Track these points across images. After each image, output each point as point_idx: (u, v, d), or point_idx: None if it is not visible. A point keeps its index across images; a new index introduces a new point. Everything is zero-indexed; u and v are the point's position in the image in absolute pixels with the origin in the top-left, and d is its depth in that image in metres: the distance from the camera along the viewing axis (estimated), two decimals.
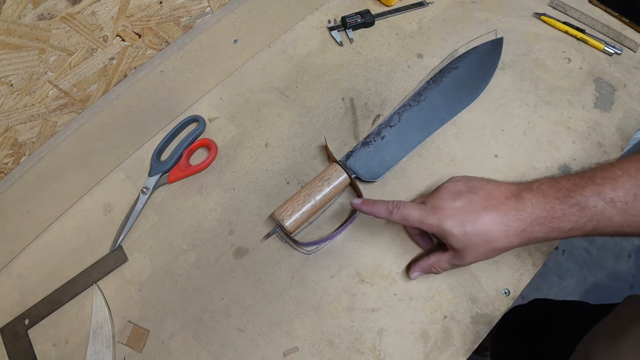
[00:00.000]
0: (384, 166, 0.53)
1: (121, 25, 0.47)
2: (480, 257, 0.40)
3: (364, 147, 0.53)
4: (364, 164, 0.52)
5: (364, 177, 0.52)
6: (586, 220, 0.35)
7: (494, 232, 0.38)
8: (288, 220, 0.48)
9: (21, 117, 0.45)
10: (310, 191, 0.49)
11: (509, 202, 0.38)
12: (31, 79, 0.43)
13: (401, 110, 0.55)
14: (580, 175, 0.37)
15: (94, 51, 0.47)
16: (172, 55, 0.53)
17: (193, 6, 0.53)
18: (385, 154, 0.53)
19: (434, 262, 0.44)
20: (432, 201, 0.42)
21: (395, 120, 0.55)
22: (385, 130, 0.54)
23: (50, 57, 0.43)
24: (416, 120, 0.55)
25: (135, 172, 0.58)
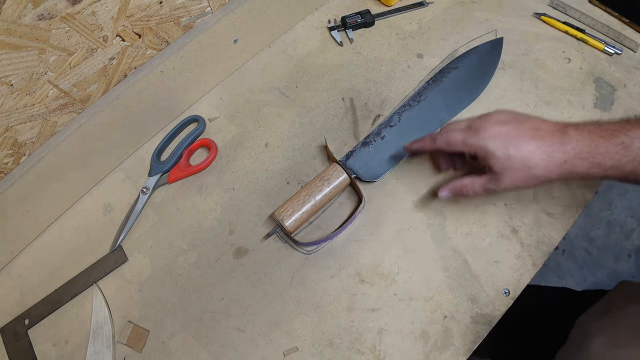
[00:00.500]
0: (384, 166, 0.53)
1: (121, 25, 0.47)
2: (517, 182, 0.40)
3: (364, 147, 0.53)
4: (364, 164, 0.52)
5: (364, 177, 0.52)
6: (628, 160, 0.36)
7: (536, 159, 0.39)
8: (288, 220, 0.48)
9: (21, 117, 0.45)
10: (310, 191, 0.49)
11: (555, 134, 0.39)
12: (31, 79, 0.43)
13: (401, 110, 0.55)
14: (627, 120, 0.38)
15: (94, 51, 0.47)
16: (172, 55, 0.53)
17: (193, 6, 0.53)
18: (385, 154, 0.53)
19: (468, 183, 0.44)
20: (478, 124, 0.42)
21: (395, 120, 0.55)
22: (385, 130, 0.54)
23: (50, 57, 0.43)
24: (416, 120, 0.55)
25: (135, 172, 0.58)
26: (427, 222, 0.51)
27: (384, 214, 0.52)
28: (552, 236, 0.49)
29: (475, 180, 0.44)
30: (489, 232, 0.49)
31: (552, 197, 0.51)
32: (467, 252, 0.49)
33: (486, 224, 0.50)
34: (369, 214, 0.52)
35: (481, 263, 0.48)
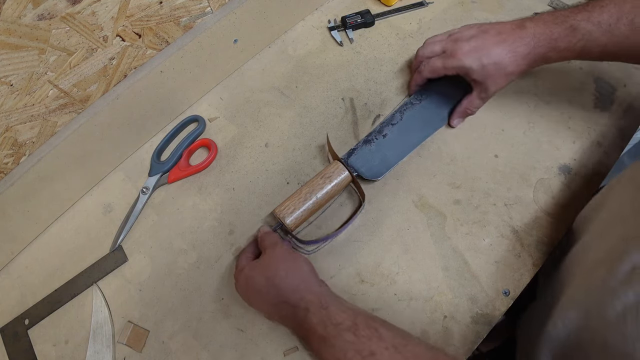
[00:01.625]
0: (386, 164, 0.53)
1: (121, 25, 0.47)
2: (499, 83, 0.48)
3: (366, 145, 0.53)
4: (365, 162, 0.52)
5: (366, 175, 0.52)
6: (577, 40, 0.42)
7: (505, 60, 0.46)
8: (289, 217, 0.48)
9: (21, 117, 0.45)
10: (311, 189, 0.49)
11: (515, 31, 0.46)
12: (31, 79, 0.43)
13: (403, 109, 0.56)
14: (576, 6, 0.44)
15: (94, 51, 0.47)
16: (172, 55, 0.53)
17: (193, 6, 0.53)
18: (386, 152, 0.53)
19: (466, 104, 0.53)
20: (451, 47, 0.50)
21: (397, 118, 0.55)
22: (387, 128, 0.54)
23: (50, 57, 0.43)
24: (418, 119, 0.55)
25: (135, 172, 0.58)
26: (427, 222, 0.51)
27: (384, 214, 0.52)
28: (552, 236, 0.49)
29: (470, 99, 0.52)
30: (489, 232, 0.49)
31: (552, 197, 0.51)
32: (467, 252, 0.49)
33: (486, 224, 0.50)
34: (369, 214, 0.52)
35: (481, 263, 0.48)
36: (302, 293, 0.40)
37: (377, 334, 0.35)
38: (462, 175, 0.53)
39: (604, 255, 0.35)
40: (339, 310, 0.38)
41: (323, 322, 0.37)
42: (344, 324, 0.36)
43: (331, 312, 0.38)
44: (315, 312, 0.38)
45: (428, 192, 0.52)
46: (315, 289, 0.41)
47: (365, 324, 0.36)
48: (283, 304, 0.40)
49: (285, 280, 0.41)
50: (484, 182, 0.52)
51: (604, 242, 0.37)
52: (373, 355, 0.33)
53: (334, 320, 0.37)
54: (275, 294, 0.41)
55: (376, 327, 0.36)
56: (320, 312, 0.38)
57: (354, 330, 0.35)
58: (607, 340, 0.31)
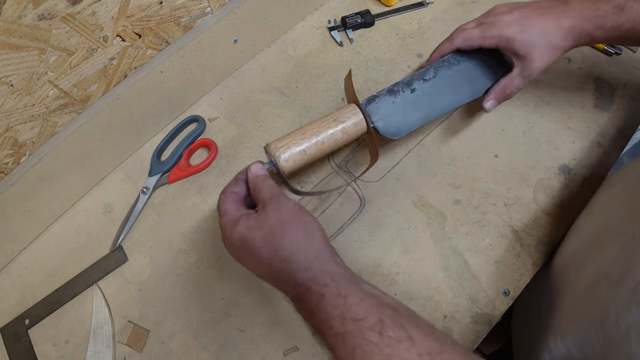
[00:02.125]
0: (406, 124, 0.46)
1: (121, 26, 0.47)
2: (545, 57, 0.43)
3: (389, 96, 0.46)
4: (384, 115, 0.45)
5: (382, 130, 0.45)
6: (624, 20, 0.40)
7: (551, 32, 0.42)
8: (284, 154, 0.39)
9: (21, 117, 0.45)
10: (316, 129, 0.41)
11: (557, 6, 0.43)
12: (31, 79, 0.43)
13: (439, 65, 0.49)
14: None
15: (94, 51, 0.47)
16: (172, 55, 0.53)
17: (193, 6, 0.53)
18: (411, 110, 0.46)
19: (505, 83, 0.47)
20: (488, 19, 0.46)
21: (431, 74, 0.48)
22: (417, 82, 0.47)
23: (51, 57, 0.43)
24: (453, 82, 0.48)
25: (135, 172, 0.58)
26: (427, 222, 0.51)
27: (384, 214, 0.52)
28: (552, 236, 0.49)
29: (510, 77, 0.46)
30: (489, 232, 0.49)
31: (552, 197, 0.51)
32: (467, 252, 0.49)
33: (486, 224, 0.50)
34: (369, 214, 0.52)
35: (481, 263, 0.48)
36: (315, 272, 0.32)
37: (407, 335, 0.28)
38: (462, 175, 0.53)
39: (605, 270, 0.35)
40: (361, 300, 0.31)
41: (341, 315, 0.30)
42: (367, 320, 0.29)
43: (351, 302, 0.30)
44: (332, 300, 0.31)
45: (428, 192, 0.52)
46: (331, 267, 0.33)
47: (393, 321, 0.29)
48: (289, 280, 0.33)
49: (295, 254, 0.33)
50: (484, 182, 0.52)
51: (603, 255, 0.36)
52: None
53: (354, 314, 0.30)
54: (279, 267, 0.33)
55: (405, 325, 0.29)
56: (338, 301, 0.30)
57: (380, 329, 0.29)
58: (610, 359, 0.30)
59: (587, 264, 0.38)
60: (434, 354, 0.28)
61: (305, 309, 0.32)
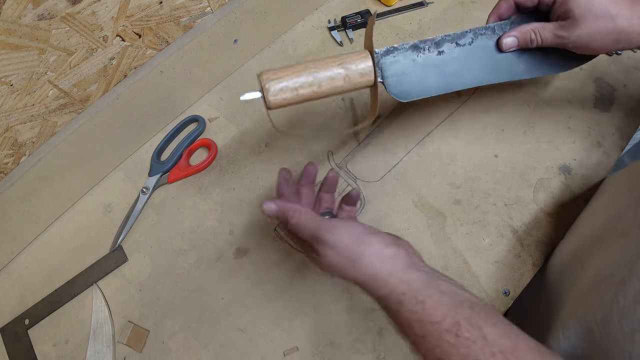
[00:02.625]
0: (421, 88, 0.41)
1: (121, 25, 0.47)
2: (595, 33, 0.37)
3: (412, 52, 0.41)
4: (399, 72, 0.40)
5: (390, 87, 0.40)
6: None
7: (620, 6, 0.36)
8: (273, 87, 0.36)
9: (21, 117, 0.45)
10: (317, 69, 0.37)
11: None
12: (31, 79, 0.43)
13: (481, 32, 0.42)
14: None
15: (94, 51, 0.47)
16: (172, 55, 0.53)
17: (193, 6, 0.53)
18: (431, 74, 0.41)
19: (535, 27, 0.40)
20: None
21: (467, 40, 0.42)
22: (447, 45, 0.41)
23: (51, 57, 0.43)
24: (491, 55, 0.42)
25: (135, 172, 0.58)
26: (427, 222, 0.51)
27: (384, 214, 0.52)
28: (552, 236, 0.49)
29: (545, 25, 0.39)
30: (489, 232, 0.49)
31: (552, 197, 0.51)
32: (467, 252, 0.49)
33: (486, 224, 0.50)
34: (369, 214, 0.52)
35: (481, 263, 0.48)
36: (392, 286, 0.34)
37: (482, 334, 0.30)
38: (462, 175, 0.53)
39: (608, 270, 0.35)
40: (438, 304, 0.32)
41: (420, 320, 0.32)
42: (444, 322, 0.31)
43: (428, 307, 0.32)
44: (410, 307, 0.33)
45: (428, 192, 0.52)
46: (405, 276, 0.34)
47: (469, 322, 0.31)
48: (372, 293, 0.35)
49: (372, 276, 0.35)
50: (484, 182, 0.52)
51: (606, 255, 0.36)
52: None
53: (432, 318, 0.32)
54: (361, 284, 0.36)
55: (480, 325, 0.31)
56: (416, 307, 0.32)
57: (456, 331, 0.30)
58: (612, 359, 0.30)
59: (588, 263, 0.38)
60: (507, 353, 0.29)
61: (389, 312, 0.35)
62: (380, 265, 0.35)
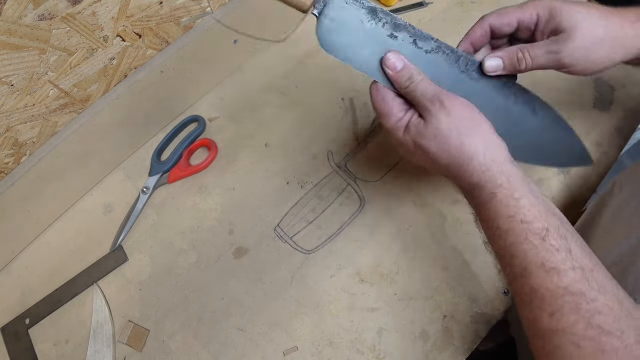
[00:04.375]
0: (349, 55, 0.36)
1: (122, 26, 0.47)
2: (591, 44, 0.34)
3: (367, 14, 0.36)
4: (340, 22, 0.36)
5: (321, 30, 0.36)
6: None
7: (609, 18, 0.34)
8: None
9: (22, 117, 0.46)
10: None
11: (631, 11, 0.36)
12: (32, 79, 0.43)
13: (445, 49, 0.37)
14: None
15: (95, 51, 0.47)
16: (172, 56, 0.53)
17: (193, 6, 0.53)
18: (368, 48, 0.35)
19: (524, 45, 0.36)
20: None
21: (428, 47, 0.36)
22: (405, 35, 0.36)
23: (51, 58, 0.43)
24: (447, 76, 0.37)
25: (135, 172, 0.58)
26: (427, 222, 0.51)
27: (384, 213, 0.52)
28: None
29: (534, 44, 0.36)
30: None
31: (551, 197, 0.51)
32: (467, 252, 0.49)
33: None
34: (369, 214, 0.52)
35: (481, 263, 0.48)
36: (493, 174, 0.33)
37: (567, 247, 0.30)
38: None
39: (611, 260, 0.35)
40: (532, 205, 0.31)
41: (511, 215, 0.31)
42: (534, 224, 0.30)
43: (522, 205, 0.31)
44: (504, 200, 0.32)
45: (428, 192, 0.52)
46: (506, 168, 0.33)
47: (557, 232, 0.30)
48: (465, 177, 0.34)
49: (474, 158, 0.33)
50: None
51: (611, 244, 0.36)
52: (556, 272, 0.29)
53: (523, 217, 0.31)
54: (456, 168, 0.34)
55: (567, 237, 0.30)
56: (509, 202, 0.32)
57: (544, 235, 0.30)
58: None
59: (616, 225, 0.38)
60: (587, 271, 0.29)
61: (476, 202, 0.34)
62: (485, 150, 0.33)
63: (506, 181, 0.32)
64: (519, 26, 0.37)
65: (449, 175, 0.36)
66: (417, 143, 0.34)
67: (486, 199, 0.33)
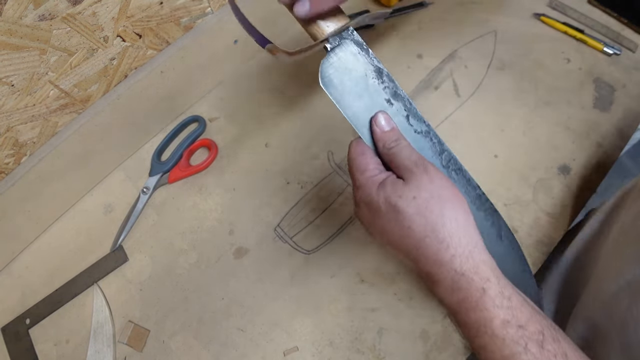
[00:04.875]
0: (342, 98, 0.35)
1: (122, 26, 0.47)
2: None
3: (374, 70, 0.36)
4: (345, 64, 0.36)
5: (326, 64, 0.36)
6: None
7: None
8: None
9: (22, 117, 0.46)
10: None
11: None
12: (32, 79, 0.43)
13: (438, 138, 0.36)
14: None
15: (95, 51, 0.47)
16: (172, 56, 0.53)
17: (193, 7, 0.53)
18: (363, 101, 0.35)
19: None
20: None
21: (419, 127, 0.36)
22: (399, 106, 0.35)
23: (51, 58, 0.43)
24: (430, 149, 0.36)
25: (135, 172, 0.58)
26: None
27: None
28: (552, 236, 0.49)
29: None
30: None
31: (551, 197, 0.51)
32: None
33: None
34: None
35: None
36: (476, 262, 0.28)
37: (563, 350, 0.27)
38: None
39: (623, 280, 0.34)
40: (521, 305, 0.28)
41: (507, 320, 0.27)
42: (529, 328, 0.27)
43: (514, 305, 0.27)
44: (495, 299, 0.27)
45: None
46: (487, 258, 0.29)
47: (551, 334, 0.27)
48: (444, 265, 0.28)
49: (455, 238, 0.28)
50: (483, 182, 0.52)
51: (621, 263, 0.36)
52: None
53: (518, 320, 0.27)
54: (433, 248, 0.28)
55: (560, 339, 0.27)
56: (502, 301, 0.27)
57: (542, 341, 0.26)
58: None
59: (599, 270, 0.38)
60: None
61: (457, 297, 0.28)
62: (466, 229, 0.29)
63: (492, 274, 0.28)
64: None
65: (418, 253, 0.29)
66: (391, 202, 0.29)
67: (474, 295, 0.27)
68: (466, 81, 0.59)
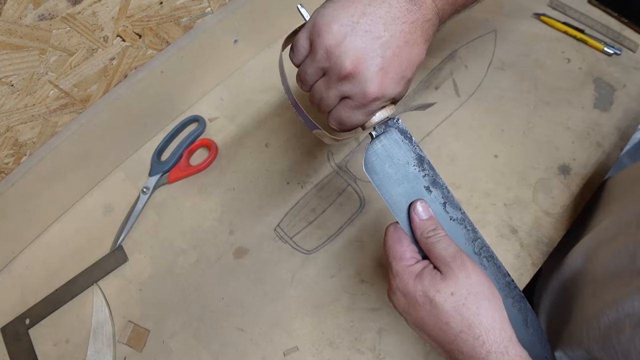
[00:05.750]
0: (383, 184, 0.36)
1: (121, 26, 0.47)
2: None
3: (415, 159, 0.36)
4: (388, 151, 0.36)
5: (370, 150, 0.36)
6: None
7: None
8: None
9: (22, 117, 0.46)
10: None
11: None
12: (32, 79, 0.43)
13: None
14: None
15: (95, 51, 0.47)
16: (172, 56, 0.53)
17: (193, 6, 0.53)
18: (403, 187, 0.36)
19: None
20: None
21: (456, 214, 0.36)
22: (437, 193, 0.36)
23: (51, 58, 0.43)
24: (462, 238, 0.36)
25: (135, 172, 0.58)
26: None
27: (384, 214, 0.52)
28: (552, 236, 0.49)
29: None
30: (489, 232, 0.49)
31: (551, 197, 0.51)
32: None
33: (486, 224, 0.50)
34: (369, 214, 0.52)
35: None
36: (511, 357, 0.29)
37: None
38: (462, 175, 0.53)
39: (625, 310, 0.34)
40: None
41: None
42: None
43: None
44: None
45: None
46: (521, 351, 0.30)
47: None
48: (476, 352, 0.29)
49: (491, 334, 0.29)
50: (483, 182, 0.52)
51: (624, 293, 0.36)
52: None
53: None
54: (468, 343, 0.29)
55: None
56: None
57: None
58: None
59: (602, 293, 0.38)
60: None
61: None
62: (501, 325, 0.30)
63: None
64: None
65: (453, 347, 0.30)
66: (429, 296, 0.30)
67: None
68: (466, 81, 0.59)
